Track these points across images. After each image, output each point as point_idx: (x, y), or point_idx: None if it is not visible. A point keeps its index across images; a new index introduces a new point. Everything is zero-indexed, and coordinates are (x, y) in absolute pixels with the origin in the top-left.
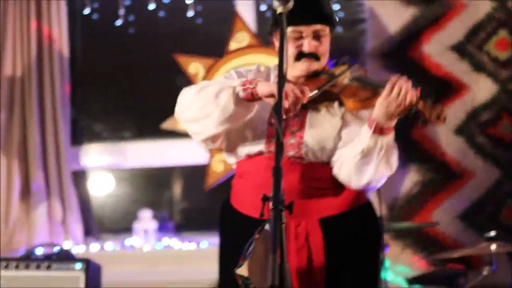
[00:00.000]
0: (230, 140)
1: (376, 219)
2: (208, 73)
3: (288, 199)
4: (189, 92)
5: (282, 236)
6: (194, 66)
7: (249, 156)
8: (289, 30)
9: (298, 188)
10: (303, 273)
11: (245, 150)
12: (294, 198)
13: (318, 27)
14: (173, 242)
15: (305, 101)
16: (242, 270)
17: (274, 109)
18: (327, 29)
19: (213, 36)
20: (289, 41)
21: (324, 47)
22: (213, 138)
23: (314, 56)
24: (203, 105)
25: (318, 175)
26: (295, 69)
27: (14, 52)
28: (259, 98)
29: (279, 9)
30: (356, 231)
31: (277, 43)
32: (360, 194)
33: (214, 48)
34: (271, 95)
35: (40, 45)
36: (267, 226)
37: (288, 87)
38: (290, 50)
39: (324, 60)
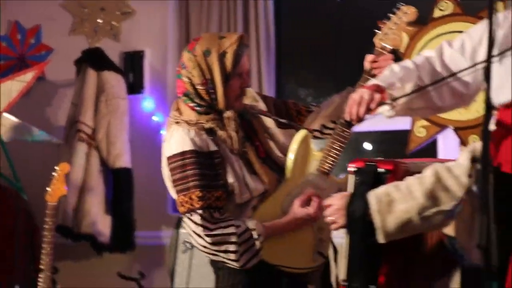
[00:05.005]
0: None
1: None
2: (412, 41)
3: None
4: None
5: (489, 196)
6: None
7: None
8: None
9: None
10: None
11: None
12: None
13: None
14: None
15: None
16: (449, 230)
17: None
18: None
19: (415, 4)
20: None
21: None
22: None
23: None
24: None
25: None
26: None
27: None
28: None
29: None
30: None
31: None
32: None
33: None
34: None
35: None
36: (474, 187)
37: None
38: None
39: None
